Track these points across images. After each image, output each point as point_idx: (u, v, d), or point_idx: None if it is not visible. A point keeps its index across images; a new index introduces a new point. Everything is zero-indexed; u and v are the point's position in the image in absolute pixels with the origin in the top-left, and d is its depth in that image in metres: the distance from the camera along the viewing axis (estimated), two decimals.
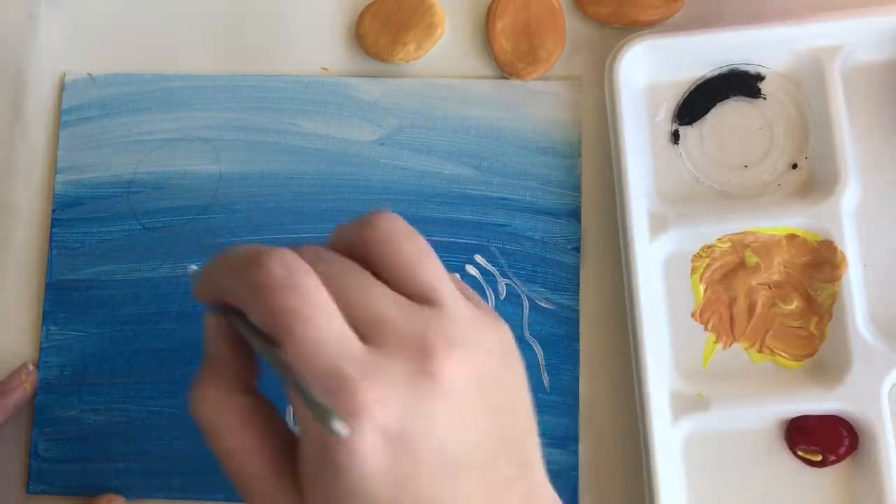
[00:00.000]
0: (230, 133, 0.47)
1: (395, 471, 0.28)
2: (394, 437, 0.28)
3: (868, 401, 0.41)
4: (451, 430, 0.29)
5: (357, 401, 0.27)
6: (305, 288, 0.29)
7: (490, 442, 0.30)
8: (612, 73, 0.44)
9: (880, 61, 0.44)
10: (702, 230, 0.44)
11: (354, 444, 0.27)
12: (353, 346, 0.28)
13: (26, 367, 0.45)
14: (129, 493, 0.45)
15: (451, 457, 0.29)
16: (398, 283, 0.31)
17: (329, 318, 0.29)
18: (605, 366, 0.44)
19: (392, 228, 0.31)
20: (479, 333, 0.30)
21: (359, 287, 0.30)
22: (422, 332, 0.29)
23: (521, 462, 0.31)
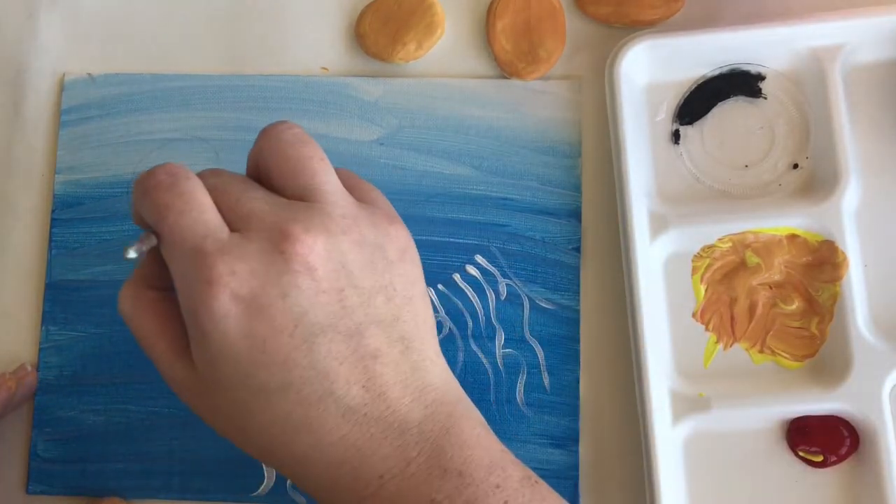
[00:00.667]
0: (230, 132, 0.47)
1: (251, 332, 0.33)
2: (248, 303, 0.33)
3: (869, 401, 0.41)
4: (306, 299, 0.33)
5: (212, 271, 0.33)
6: (181, 187, 0.34)
7: (355, 315, 0.34)
8: (612, 73, 0.44)
9: (881, 61, 0.44)
10: (702, 230, 0.44)
11: (212, 307, 0.32)
12: (219, 232, 0.34)
13: (23, 367, 0.45)
14: (129, 494, 0.45)
15: (306, 322, 0.33)
16: (282, 184, 0.35)
17: (200, 211, 0.34)
18: (606, 366, 0.44)
19: (281, 137, 0.36)
20: (350, 225, 0.34)
21: (239, 191, 0.35)
22: (284, 221, 0.34)
23: (400, 341, 0.35)
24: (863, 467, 0.42)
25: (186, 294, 0.34)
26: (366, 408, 0.34)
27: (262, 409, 0.34)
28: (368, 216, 0.36)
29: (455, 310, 0.45)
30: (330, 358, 0.33)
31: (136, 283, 0.37)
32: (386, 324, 0.34)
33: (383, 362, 0.34)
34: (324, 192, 0.35)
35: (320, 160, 0.36)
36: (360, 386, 0.33)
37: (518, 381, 0.44)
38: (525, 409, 0.44)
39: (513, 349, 0.45)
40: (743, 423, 0.43)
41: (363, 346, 0.34)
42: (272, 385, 0.33)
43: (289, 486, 0.44)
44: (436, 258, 0.45)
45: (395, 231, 0.36)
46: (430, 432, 0.34)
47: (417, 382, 0.35)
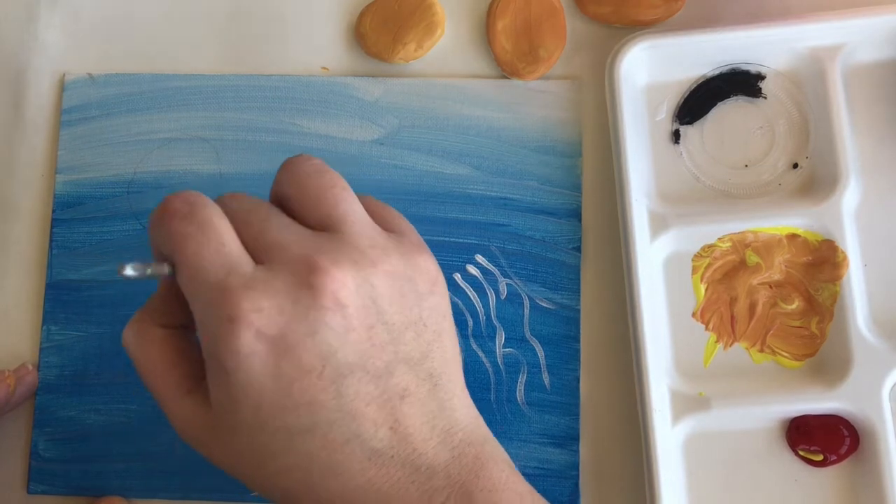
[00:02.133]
0: (230, 132, 0.47)
1: (277, 373, 0.31)
2: (275, 341, 0.31)
3: (869, 400, 0.41)
4: (336, 338, 0.31)
5: (237, 307, 0.31)
6: (200, 216, 0.32)
7: (384, 354, 0.32)
8: (612, 73, 0.44)
9: (881, 61, 0.44)
10: (702, 230, 0.44)
11: (236, 345, 0.31)
12: (242, 266, 0.32)
13: (24, 366, 0.45)
14: (130, 494, 0.45)
15: (335, 363, 0.31)
16: (303, 215, 0.34)
17: (221, 243, 0.32)
18: (606, 365, 0.44)
19: (301, 168, 0.35)
20: (379, 256, 0.33)
21: (261, 220, 0.33)
22: (310, 252, 0.32)
23: (428, 379, 0.33)
24: (863, 467, 0.42)
25: (208, 331, 0.32)
26: (392, 450, 0.32)
27: (284, 451, 0.32)
28: (397, 246, 0.34)
29: (455, 309, 0.45)
30: (358, 399, 0.32)
31: (143, 319, 0.35)
32: (415, 361, 0.33)
33: (410, 402, 0.33)
34: (349, 221, 0.34)
35: (342, 189, 0.34)
36: (387, 428, 0.32)
37: (518, 380, 0.44)
38: (525, 408, 0.44)
39: (513, 348, 0.45)
40: (743, 422, 0.43)
41: (392, 387, 0.32)
42: (297, 427, 0.32)
43: None
44: (436, 258, 0.45)
45: (425, 262, 0.35)
46: (458, 476, 0.33)
47: (444, 423, 0.33)
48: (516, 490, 0.33)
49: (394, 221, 0.36)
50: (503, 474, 0.33)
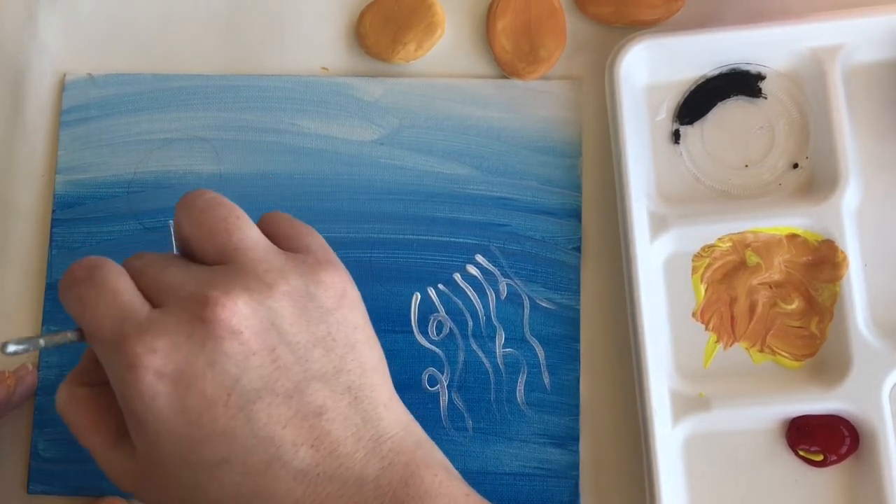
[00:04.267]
0: (230, 132, 0.47)
1: (183, 408, 0.32)
2: (175, 379, 0.32)
3: (869, 401, 0.41)
4: (236, 366, 0.32)
5: (132, 353, 0.32)
6: (96, 278, 0.33)
7: (292, 374, 0.33)
8: (612, 73, 0.44)
9: (881, 61, 0.44)
10: (702, 230, 0.44)
11: (140, 389, 0.32)
12: (137, 313, 0.33)
13: (24, 366, 0.45)
14: (129, 494, 0.45)
15: (240, 390, 0.32)
16: (201, 251, 0.35)
17: (115, 296, 0.33)
18: (606, 366, 0.44)
19: (195, 204, 0.35)
20: (276, 279, 0.33)
21: (159, 269, 0.34)
22: (201, 287, 0.33)
23: (347, 392, 0.33)
24: (863, 467, 0.42)
25: (115, 382, 0.33)
26: (318, 468, 0.32)
27: (209, 484, 0.32)
28: (297, 266, 0.34)
29: (455, 309, 0.45)
30: (272, 423, 0.32)
31: (70, 381, 0.36)
32: (328, 377, 0.33)
33: (330, 418, 0.33)
34: (242, 248, 0.34)
35: (236, 219, 0.35)
36: (308, 446, 0.32)
37: (518, 380, 0.44)
38: (525, 408, 0.44)
39: (513, 349, 0.45)
40: (743, 422, 0.43)
41: (305, 405, 0.32)
42: (215, 459, 0.32)
43: None
44: (436, 258, 0.45)
45: (329, 277, 0.34)
46: (388, 486, 0.32)
47: (371, 433, 0.33)
48: (450, 494, 0.33)
49: (301, 239, 0.36)
50: (437, 479, 0.33)
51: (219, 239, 0.34)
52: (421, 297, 0.45)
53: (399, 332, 0.45)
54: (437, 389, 0.45)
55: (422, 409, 0.44)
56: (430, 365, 0.45)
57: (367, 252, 0.46)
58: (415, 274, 0.45)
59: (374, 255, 0.46)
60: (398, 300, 0.45)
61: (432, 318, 0.45)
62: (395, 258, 0.45)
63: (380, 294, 0.45)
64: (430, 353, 0.45)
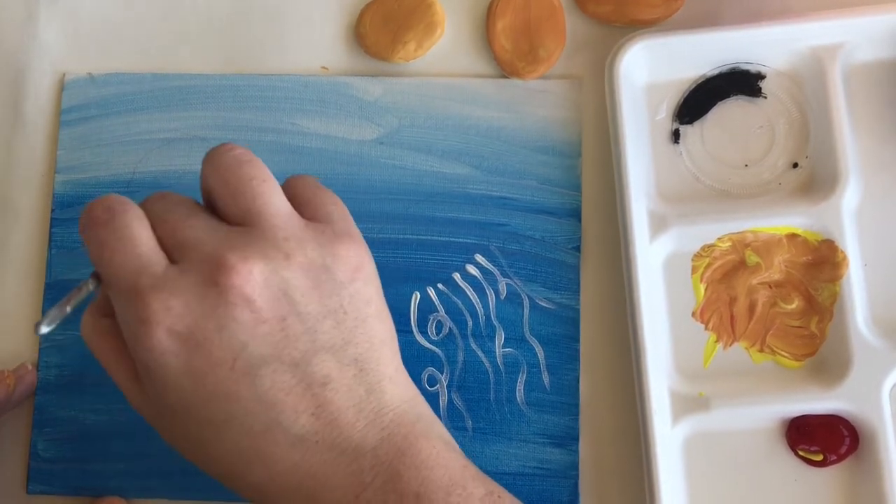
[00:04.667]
0: (230, 132, 0.47)
1: (190, 368, 0.33)
2: (185, 338, 0.32)
3: (869, 400, 0.41)
4: (245, 332, 0.32)
5: (146, 308, 0.32)
6: (116, 222, 0.33)
7: (300, 343, 0.33)
8: (612, 73, 0.44)
9: (881, 60, 0.44)
10: (702, 229, 0.44)
11: (150, 344, 0.32)
12: (155, 266, 0.33)
13: (24, 366, 0.45)
14: (129, 494, 0.45)
15: (246, 355, 0.33)
16: (224, 209, 0.35)
17: (134, 245, 0.33)
18: (606, 365, 0.44)
19: (222, 160, 0.35)
20: (294, 249, 0.34)
21: (178, 218, 0.34)
22: (220, 249, 0.33)
23: (353, 364, 0.34)
24: (862, 466, 0.42)
25: (127, 332, 0.34)
26: (316, 435, 0.33)
27: (212, 440, 0.34)
28: (315, 237, 0.35)
29: (455, 309, 0.45)
30: (275, 389, 0.33)
31: (92, 311, 0.37)
32: (336, 348, 0.34)
33: (334, 388, 0.33)
34: (266, 214, 0.34)
35: (262, 181, 0.35)
36: (308, 414, 0.33)
37: (518, 380, 0.44)
38: (525, 408, 0.44)
39: (513, 348, 0.45)
40: (742, 422, 0.43)
41: (310, 374, 0.33)
42: (217, 418, 0.33)
43: None
44: (436, 257, 0.45)
45: (346, 250, 0.35)
46: (385, 455, 0.33)
47: (373, 405, 0.34)
48: (447, 465, 0.34)
49: (323, 208, 0.36)
50: (434, 450, 0.34)
51: (243, 200, 0.34)
52: (420, 296, 0.45)
53: (398, 331, 0.44)
54: (436, 389, 0.45)
55: None
56: (429, 365, 0.45)
57: None
58: (414, 273, 0.45)
59: (374, 254, 0.45)
60: (397, 300, 0.45)
61: (432, 318, 0.45)
62: (394, 258, 0.45)
63: None
64: (430, 352, 0.45)
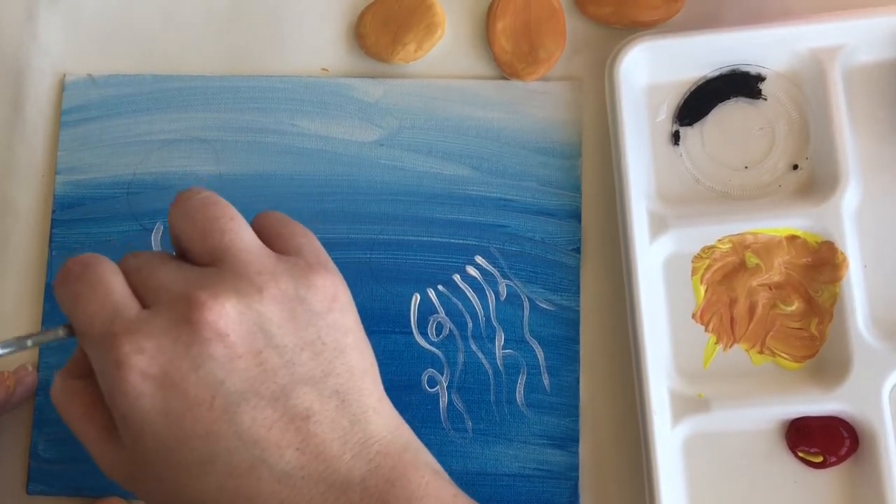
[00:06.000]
0: (230, 133, 0.47)
1: (167, 409, 0.32)
2: (159, 380, 0.32)
3: (869, 402, 0.41)
4: (221, 368, 0.32)
5: (119, 353, 0.32)
6: (90, 275, 0.34)
7: (279, 377, 0.33)
8: (612, 74, 0.44)
9: (881, 61, 0.44)
10: (702, 231, 0.44)
11: (125, 388, 0.32)
12: (127, 312, 0.33)
13: (24, 367, 0.45)
14: (129, 493, 0.45)
15: (224, 392, 0.32)
16: (193, 250, 0.35)
17: (106, 294, 0.33)
18: (606, 367, 0.44)
19: (189, 203, 0.35)
20: (267, 282, 0.33)
21: (152, 268, 0.34)
22: (191, 289, 0.33)
23: (334, 396, 0.33)
24: (862, 468, 0.42)
25: (102, 379, 0.33)
26: (303, 470, 0.32)
27: (192, 482, 0.33)
28: (288, 269, 0.34)
29: (455, 310, 0.45)
30: (256, 425, 0.32)
31: (64, 374, 0.36)
32: (316, 380, 0.33)
33: (317, 421, 0.33)
34: (234, 250, 0.34)
35: (229, 219, 0.34)
36: (293, 449, 0.32)
37: (518, 381, 0.44)
38: (525, 409, 0.44)
39: (513, 350, 0.45)
40: (742, 423, 0.43)
41: (292, 408, 0.32)
42: (197, 459, 0.32)
43: None
44: (436, 259, 0.45)
45: (321, 280, 0.34)
46: (374, 488, 0.32)
47: (358, 436, 0.33)
48: (438, 496, 0.33)
49: (293, 240, 0.36)
50: (423, 480, 0.33)
51: (211, 239, 0.34)
52: (420, 298, 0.45)
53: (398, 333, 0.45)
54: (436, 391, 0.45)
55: (421, 411, 0.44)
56: (429, 366, 0.45)
57: (367, 253, 0.46)
58: (414, 275, 0.45)
59: (374, 256, 0.46)
60: (398, 301, 0.45)
61: (432, 320, 0.45)
62: (394, 259, 0.45)
63: (379, 295, 0.45)
64: (430, 354, 0.45)
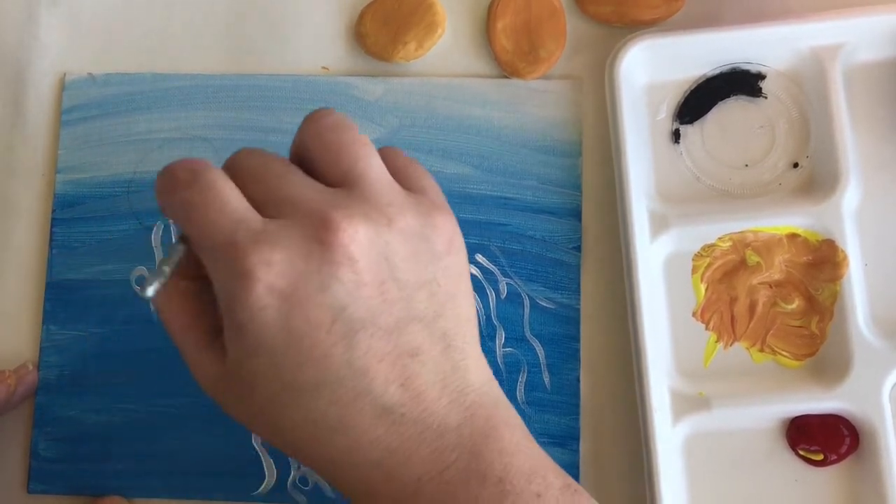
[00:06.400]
0: (230, 133, 0.47)
1: (288, 327, 0.31)
2: (285, 295, 0.31)
3: (869, 400, 0.41)
4: (346, 293, 0.31)
5: (246, 263, 0.31)
6: (202, 181, 0.32)
7: (396, 310, 0.32)
8: (612, 73, 0.44)
9: (882, 60, 0.44)
10: (702, 229, 0.44)
11: (248, 300, 0.31)
12: (251, 221, 0.32)
13: (24, 366, 0.45)
14: (129, 493, 0.45)
15: (345, 318, 0.31)
16: (323, 170, 0.34)
17: (225, 202, 0.32)
18: (606, 365, 0.44)
19: (322, 123, 0.34)
20: (395, 214, 0.33)
21: (276, 175, 0.33)
22: (324, 207, 0.32)
23: (441, 339, 0.33)
24: (863, 466, 0.42)
25: (222, 287, 0.32)
26: (403, 408, 0.32)
27: (295, 405, 0.32)
28: (415, 205, 0.34)
29: None
30: (369, 355, 0.32)
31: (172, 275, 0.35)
32: (427, 320, 0.33)
33: (422, 360, 0.32)
34: (367, 178, 0.33)
35: (363, 145, 0.34)
36: (397, 385, 0.32)
37: (518, 379, 0.44)
38: (525, 407, 0.44)
39: (513, 348, 0.45)
40: (743, 422, 0.43)
41: (403, 343, 0.32)
42: (307, 382, 0.32)
43: (289, 485, 0.44)
44: None
45: (443, 222, 0.34)
46: (469, 437, 0.32)
47: (457, 383, 0.33)
48: (528, 454, 0.33)
49: (417, 179, 0.36)
50: (515, 437, 0.33)
51: (346, 161, 0.33)
52: None
53: None
54: None
55: None
56: None
57: None
58: None
59: None
60: None
61: None
62: None
63: None
64: None
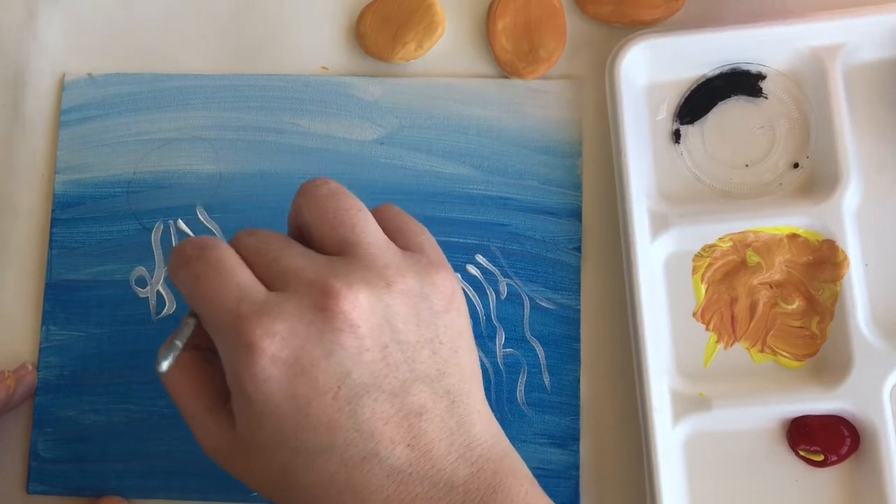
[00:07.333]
0: (230, 133, 0.47)
1: (294, 394, 0.32)
2: (290, 364, 0.32)
3: (870, 401, 0.41)
4: (350, 359, 0.32)
5: (250, 335, 0.32)
6: (209, 257, 0.33)
7: (400, 372, 0.33)
8: (612, 73, 0.44)
9: (882, 60, 0.44)
10: (703, 229, 0.44)
11: (253, 371, 0.32)
12: (255, 293, 0.33)
13: (24, 366, 0.45)
14: (129, 494, 0.45)
15: (350, 383, 0.32)
16: (321, 239, 0.35)
17: (230, 275, 0.33)
18: (607, 366, 0.44)
19: (318, 192, 0.35)
20: (394, 276, 0.34)
21: (277, 249, 0.34)
22: (324, 276, 0.33)
23: (445, 396, 0.34)
24: (863, 467, 0.42)
25: (228, 359, 0.33)
26: (411, 467, 0.33)
27: (304, 470, 0.33)
28: (413, 265, 0.35)
29: None
30: (374, 418, 0.32)
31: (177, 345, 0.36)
32: (431, 379, 0.34)
33: (428, 419, 0.33)
34: (364, 243, 0.34)
35: (358, 210, 0.35)
36: (404, 445, 0.33)
37: (519, 380, 0.44)
38: (526, 408, 0.44)
39: (513, 349, 0.45)
40: (743, 422, 0.43)
41: (408, 404, 0.33)
42: (315, 447, 0.33)
43: None
44: None
45: (442, 280, 0.35)
46: (477, 491, 0.33)
47: (463, 438, 0.34)
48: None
49: (414, 236, 0.36)
50: (522, 489, 0.34)
51: (342, 229, 0.34)
52: None
53: None
54: None
55: None
56: None
57: None
58: None
59: None
60: None
61: None
62: None
63: None
64: None
